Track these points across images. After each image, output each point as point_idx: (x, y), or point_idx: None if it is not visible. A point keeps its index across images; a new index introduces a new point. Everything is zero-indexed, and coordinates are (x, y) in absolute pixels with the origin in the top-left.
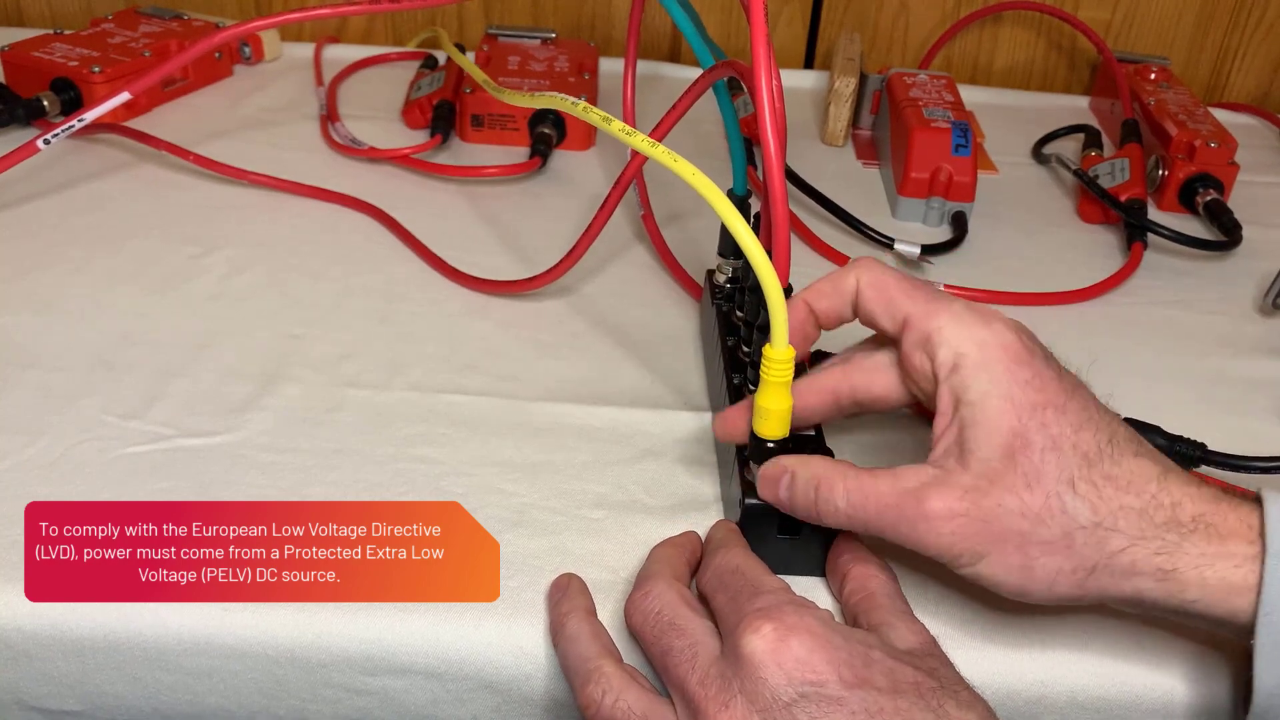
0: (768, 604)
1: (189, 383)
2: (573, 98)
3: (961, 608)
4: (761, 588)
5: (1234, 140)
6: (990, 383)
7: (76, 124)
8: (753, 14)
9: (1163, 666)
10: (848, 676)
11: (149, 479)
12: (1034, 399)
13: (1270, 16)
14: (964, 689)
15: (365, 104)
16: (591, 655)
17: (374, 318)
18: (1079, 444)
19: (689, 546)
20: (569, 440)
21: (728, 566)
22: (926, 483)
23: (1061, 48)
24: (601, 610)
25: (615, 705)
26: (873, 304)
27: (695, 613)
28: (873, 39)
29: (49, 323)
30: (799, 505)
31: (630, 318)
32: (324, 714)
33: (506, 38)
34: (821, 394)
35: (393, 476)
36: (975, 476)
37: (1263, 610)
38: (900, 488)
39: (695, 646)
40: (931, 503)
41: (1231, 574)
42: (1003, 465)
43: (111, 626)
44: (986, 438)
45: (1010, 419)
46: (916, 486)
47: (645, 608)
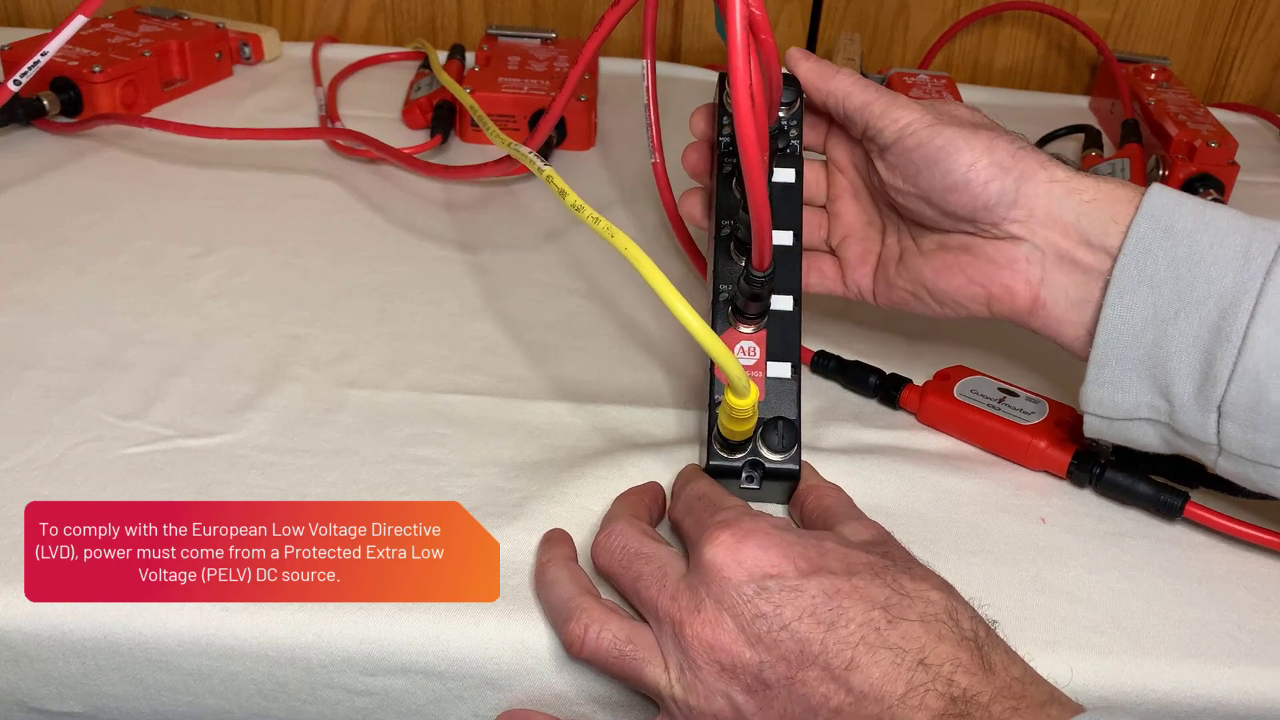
0: (725, 517)
1: (189, 383)
2: (542, 161)
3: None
4: (721, 505)
5: (1234, 140)
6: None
7: (40, 58)
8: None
9: (1163, 667)
10: (803, 566)
11: (149, 479)
12: None
13: (1270, 16)
14: (916, 565)
15: (365, 104)
16: (572, 594)
17: (374, 318)
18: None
19: (650, 492)
20: (569, 440)
21: (694, 494)
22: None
23: (1061, 48)
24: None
25: (600, 636)
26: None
27: (659, 542)
28: (873, 39)
29: (49, 323)
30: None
31: (631, 317)
32: (324, 714)
33: (506, 38)
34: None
35: (393, 476)
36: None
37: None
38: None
39: (664, 568)
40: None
41: None
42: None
43: (111, 627)
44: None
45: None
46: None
47: (610, 545)
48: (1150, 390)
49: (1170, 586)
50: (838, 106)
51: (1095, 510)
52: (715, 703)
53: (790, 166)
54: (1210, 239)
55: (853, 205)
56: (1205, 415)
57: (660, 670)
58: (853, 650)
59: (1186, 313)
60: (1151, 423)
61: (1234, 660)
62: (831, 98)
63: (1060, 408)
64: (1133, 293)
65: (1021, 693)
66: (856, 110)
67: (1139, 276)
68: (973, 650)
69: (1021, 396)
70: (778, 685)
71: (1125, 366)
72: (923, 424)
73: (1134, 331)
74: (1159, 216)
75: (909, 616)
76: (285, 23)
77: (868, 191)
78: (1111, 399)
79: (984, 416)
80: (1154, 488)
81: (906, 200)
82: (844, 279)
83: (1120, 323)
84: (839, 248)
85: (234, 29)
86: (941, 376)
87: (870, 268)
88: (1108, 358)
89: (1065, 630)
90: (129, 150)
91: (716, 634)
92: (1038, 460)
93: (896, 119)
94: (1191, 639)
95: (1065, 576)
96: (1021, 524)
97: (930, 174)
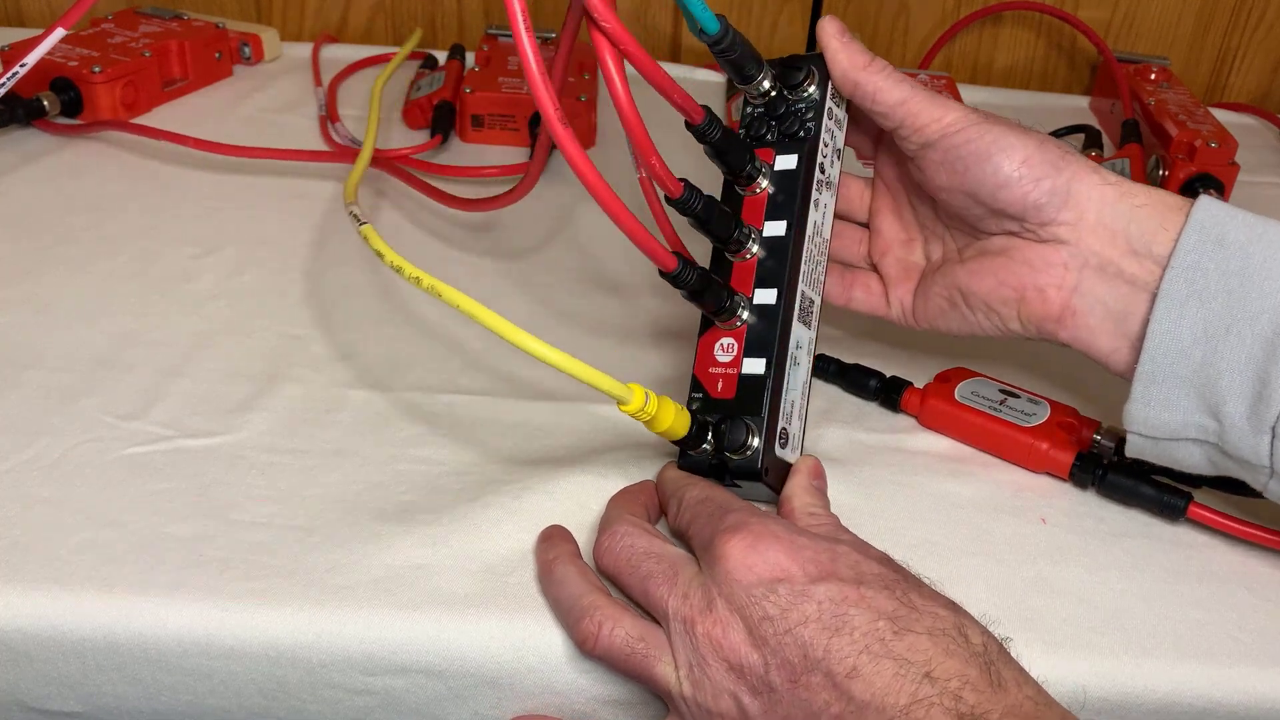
0: (736, 520)
1: (189, 383)
2: (359, 222)
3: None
4: (730, 508)
5: (1234, 140)
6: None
7: (20, 69)
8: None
9: (1163, 667)
10: (813, 571)
11: (149, 479)
12: None
13: (1270, 16)
14: (925, 586)
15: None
16: (584, 592)
17: (374, 318)
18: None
19: (645, 492)
20: (569, 439)
21: (697, 498)
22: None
23: (1061, 48)
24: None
25: (613, 633)
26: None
27: (667, 541)
28: (873, 39)
29: (49, 323)
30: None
31: (631, 317)
32: (325, 714)
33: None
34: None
35: (393, 476)
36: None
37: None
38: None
39: (674, 567)
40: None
41: None
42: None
43: (111, 627)
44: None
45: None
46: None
47: (615, 545)
48: (1199, 410)
49: (1171, 587)
50: (866, 100)
51: (1096, 511)
52: (723, 702)
53: (793, 152)
54: (1264, 252)
55: (894, 221)
56: (1258, 436)
57: (670, 668)
58: (855, 658)
59: (1239, 329)
60: (1198, 443)
61: (1234, 660)
62: (860, 90)
63: (1061, 409)
64: (1181, 307)
65: (1033, 713)
66: (891, 107)
67: (1188, 290)
68: (982, 667)
69: (1023, 398)
70: (781, 688)
71: (1173, 384)
72: (924, 427)
73: (1183, 348)
74: (1209, 228)
75: (916, 629)
76: (285, 23)
77: (910, 205)
78: (1158, 418)
79: (985, 419)
80: (1157, 489)
81: (951, 198)
82: (887, 297)
83: (1168, 338)
84: (880, 264)
85: (234, 29)
86: (942, 379)
87: (912, 284)
88: (1154, 375)
89: (1066, 631)
90: (129, 150)
91: (726, 633)
92: (1040, 462)
93: (939, 116)
94: (1192, 639)
95: (1066, 577)
96: (1022, 525)
97: (981, 170)
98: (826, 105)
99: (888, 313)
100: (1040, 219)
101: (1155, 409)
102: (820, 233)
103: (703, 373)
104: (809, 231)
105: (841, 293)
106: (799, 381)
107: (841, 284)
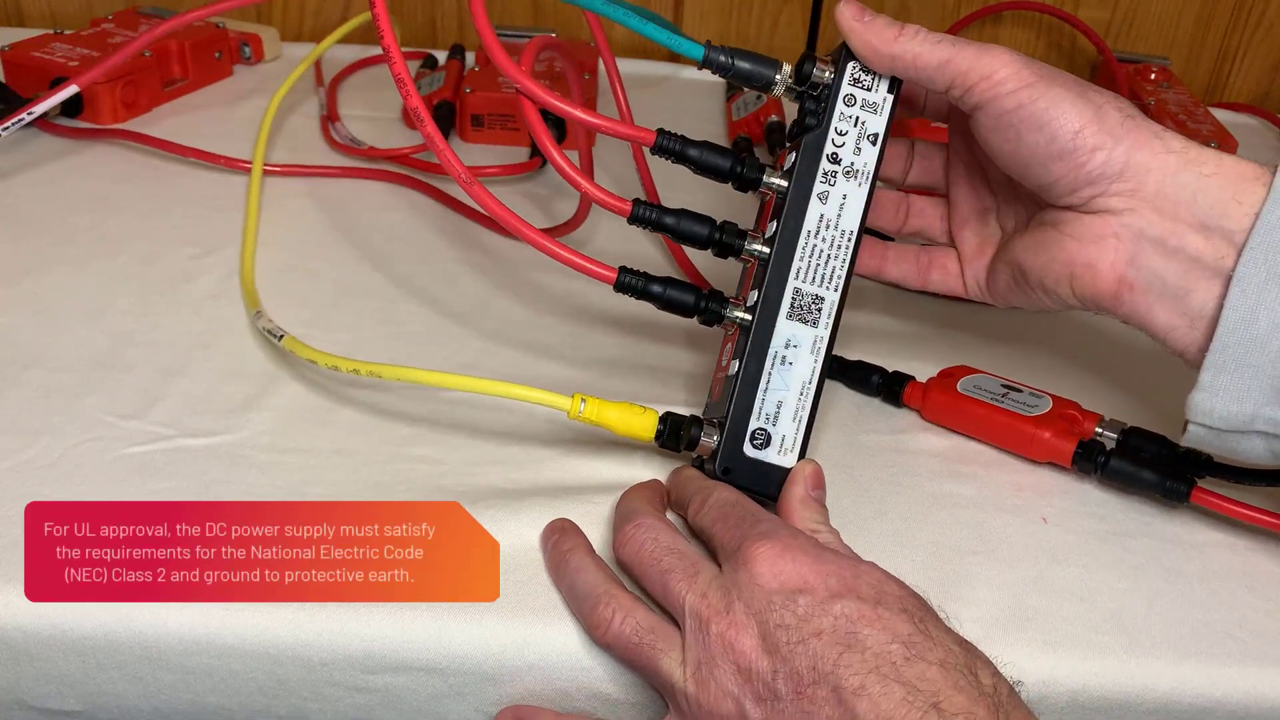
0: (767, 529)
1: (189, 383)
2: (278, 337)
3: (969, 606)
4: (761, 516)
5: (1234, 140)
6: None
7: (26, 117)
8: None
9: (1163, 667)
10: (834, 586)
11: (149, 479)
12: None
13: (1270, 16)
14: (943, 622)
15: (365, 104)
16: (600, 581)
17: (374, 318)
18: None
19: (659, 490)
20: (570, 439)
21: (726, 500)
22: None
23: (1061, 48)
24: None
25: (625, 622)
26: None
27: (690, 540)
28: None
29: (49, 323)
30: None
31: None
32: (325, 712)
33: (506, 38)
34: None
35: (393, 476)
36: None
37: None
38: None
39: (695, 565)
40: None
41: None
42: None
43: (111, 626)
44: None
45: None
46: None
47: (640, 537)
48: (1272, 401)
49: (1171, 586)
50: (910, 70)
51: (1097, 510)
52: (725, 705)
53: (800, 147)
54: None
55: (968, 190)
56: None
57: (676, 664)
58: (864, 676)
59: None
60: (1265, 436)
61: (1234, 660)
62: (899, 63)
63: (1063, 402)
64: (1260, 291)
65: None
66: (936, 70)
67: (1268, 273)
68: (990, 707)
69: (1025, 392)
70: (786, 698)
71: (1246, 374)
72: (926, 421)
73: (1259, 336)
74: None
75: (928, 659)
76: (285, 23)
77: (981, 169)
78: (1225, 409)
79: (988, 409)
80: (1160, 474)
81: (1008, 168)
82: (963, 275)
83: (1243, 325)
84: (959, 239)
85: (234, 29)
86: (945, 374)
87: (987, 259)
88: (1225, 363)
89: (1066, 630)
90: (129, 150)
91: (740, 637)
92: (1042, 451)
93: (988, 74)
94: (1192, 639)
95: (1066, 576)
96: (1023, 523)
97: (1035, 139)
98: (842, 91)
99: (965, 292)
100: (1093, 191)
101: (1224, 399)
102: (834, 226)
103: (713, 377)
104: (809, 226)
105: (918, 276)
106: (791, 381)
107: (918, 267)
